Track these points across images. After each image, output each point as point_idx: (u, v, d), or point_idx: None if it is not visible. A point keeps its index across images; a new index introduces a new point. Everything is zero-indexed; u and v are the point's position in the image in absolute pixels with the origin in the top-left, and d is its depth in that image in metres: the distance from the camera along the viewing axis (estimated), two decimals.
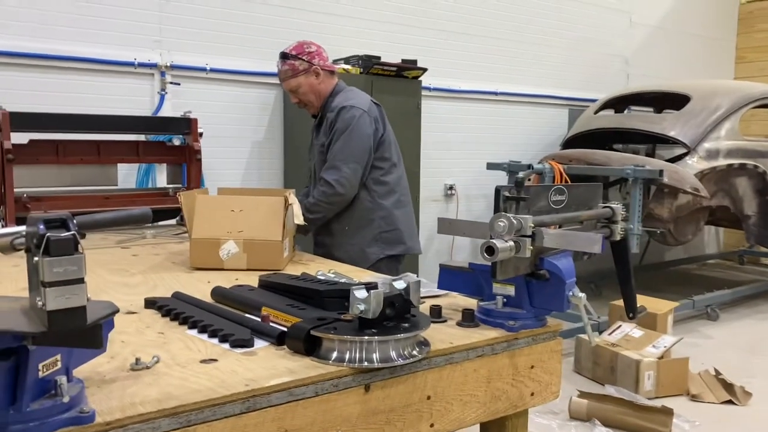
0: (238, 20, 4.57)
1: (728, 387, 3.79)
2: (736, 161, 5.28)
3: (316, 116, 2.93)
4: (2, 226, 2.77)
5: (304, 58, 2.78)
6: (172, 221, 3.29)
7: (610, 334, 4.14)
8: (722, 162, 5.20)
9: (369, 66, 4.45)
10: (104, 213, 1.07)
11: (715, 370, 3.95)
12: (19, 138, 2.83)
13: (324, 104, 2.85)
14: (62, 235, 0.83)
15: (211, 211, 2.20)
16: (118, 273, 2.10)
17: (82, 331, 0.87)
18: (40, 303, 0.84)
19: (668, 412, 3.27)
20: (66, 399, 0.92)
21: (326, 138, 2.78)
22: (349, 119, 2.72)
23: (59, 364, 0.95)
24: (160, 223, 3.21)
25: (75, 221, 0.90)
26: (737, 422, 3.50)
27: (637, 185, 4.69)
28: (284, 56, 2.80)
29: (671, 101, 5.84)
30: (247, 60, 4.60)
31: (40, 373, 0.92)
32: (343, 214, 2.79)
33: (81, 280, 0.84)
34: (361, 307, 1.22)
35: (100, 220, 1.04)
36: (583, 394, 3.50)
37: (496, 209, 1.41)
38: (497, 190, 1.41)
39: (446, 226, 1.57)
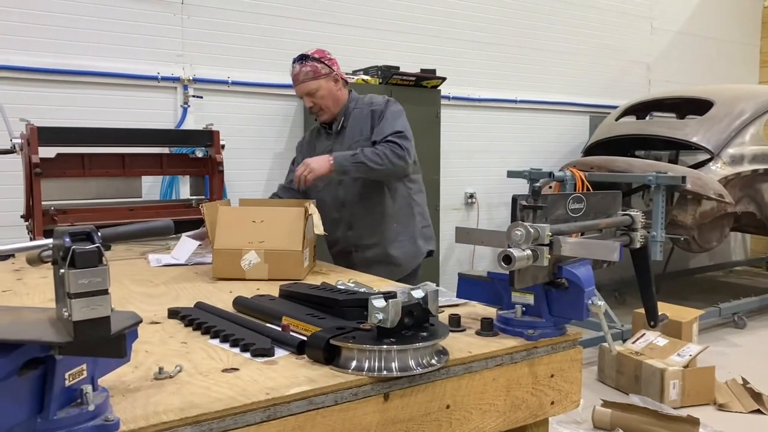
0: (258, 33, 4.63)
1: (756, 396, 3.72)
2: (761, 167, 5.20)
3: (326, 125, 2.90)
4: (31, 239, 2.84)
5: (325, 62, 2.77)
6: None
7: (634, 342, 4.10)
8: (747, 167, 5.13)
9: (388, 76, 4.48)
10: (128, 226, 1.10)
11: (743, 379, 3.88)
12: (47, 152, 2.90)
13: (344, 111, 2.84)
14: (87, 247, 0.86)
15: (233, 222, 2.23)
16: (142, 284, 2.13)
17: (107, 341, 0.90)
18: (66, 314, 0.86)
19: (694, 422, 3.22)
20: (91, 407, 0.95)
21: (370, 130, 2.74)
22: (396, 108, 2.76)
23: (85, 374, 0.98)
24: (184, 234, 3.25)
25: (99, 234, 0.93)
26: None
27: (659, 192, 4.64)
28: (304, 58, 2.76)
29: (694, 107, 5.78)
30: (268, 72, 4.66)
31: (67, 382, 0.94)
32: (388, 211, 2.79)
33: (105, 291, 0.87)
34: (380, 316, 1.24)
35: (124, 232, 1.07)
36: (606, 404, 3.46)
37: (513, 218, 1.41)
38: (514, 199, 1.42)
39: (464, 235, 1.57)
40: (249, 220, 2.23)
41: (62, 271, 0.86)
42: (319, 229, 2.30)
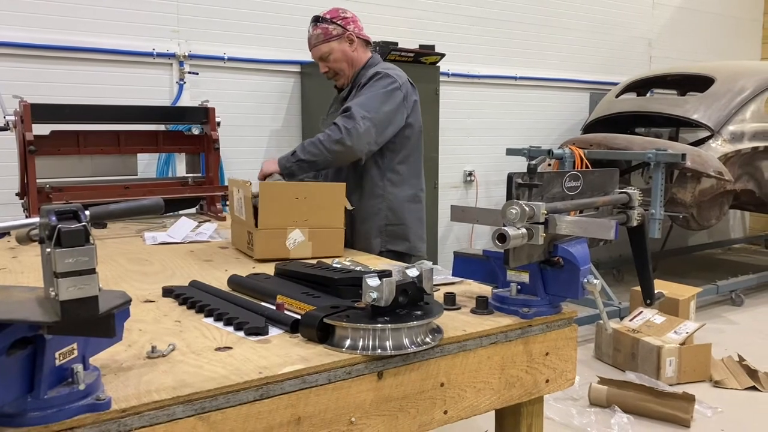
0: (255, 8, 4.57)
1: (752, 373, 3.75)
2: (761, 144, 5.18)
3: (342, 90, 2.71)
4: (26, 217, 2.83)
5: (338, 22, 2.59)
6: (192, 210, 3.33)
7: (631, 320, 4.11)
8: (747, 145, 5.10)
9: (386, 52, 4.43)
10: (117, 204, 1.08)
11: (739, 356, 3.90)
12: (41, 129, 2.88)
13: (356, 76, 2.63)
14: (73, 226, 0.84)
15: (276, 199, 2.11)
16: (137, 262, 2.13)
17: (95, 321, 0.89)
18: (53, 293, 0.85)
19: (690, 399, 3.25)
20: (82, 386, 0.94)
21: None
22: (381, 84, 2.50)
23: (76, 353, 0.97)
24: (181, 212, 3.24)
25: (87, 212, 0.91)
26: (761, 409, 3.46)
27: (659, 169, 4.62)
28: (317, 20, 2.61)
29: (695, 84, 5.73)
30: (265, 48, 4.61)
31: (57, 362, 0.94)
32: (350, 199, 2.48)
33: (92, 271, 0.86)
34: (374, 295, 1.23)
35: (114, 210, 1.05)
36: (603, 381, 3.48)
37: (509, 196, 1.40)
38: (509, 177, 1.40)
39: (459, 213, 1.56)
40: (292, 197, 2.12)
41: (48, 250, 0.85)
42: (347, 203, 2.26)
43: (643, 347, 3.80)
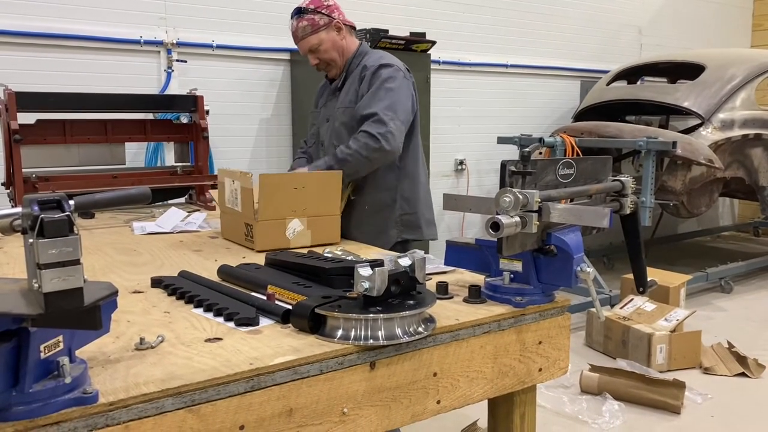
0: None
1: (741, 360, 3.77)
2: (751, 132, 5.19)
3: (333, 80, 2.67)
4: (12, 207, 2.79)
5: (323, 11, 2.52)
6: (181, 199, 3.30)
7: (621, 307, 4.12)
8: (737, 132, 5.12)
9: (377, 39, 4.39)
10: (103, 193, 1.06)
11: (728, 343, 3.93)
12: (27, 118, 2.83)
13: (348, 64, 2.59)
14: (56, 216, 0.82)
15: (274, 189, 2.10)
16: (125, 252, 2.10)
17: (80, 313, 0.87)
18: (36, 285, 0.83)
19: (680, 385, 3.26)
20: (68, 380, 0.92)
21: (356, 97, 2.51)
22: (391, 77, 2.45)
23: (61, 345, 0.95)
24: (169, 201, 3.21)
25: (72, 202, 0.89)
26: (750, 395, 3.49)
27: (649, 157, 4.63)
28: (300, 11, 2.52)
29: (685, 71, 5.74)
30: (254, 36, 4.56)
31: (42, 355, 0.92)
32: (364, 190, 2.54)
33: (77, 262, 0.84)
34: (366, 284, 1.21)
35: (99, 200, 1.03)
36: (594, 368, 3.49)
37: (502, 184, 1.39)
38: (503, 165, 1.39)
39: (452, 202, 1.55)
40: (291, 187, 2.12)
41: (31, 240, 0.83)
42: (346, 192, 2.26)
43: (633, 335, 3.82)
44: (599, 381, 3.40)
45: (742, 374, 3.70)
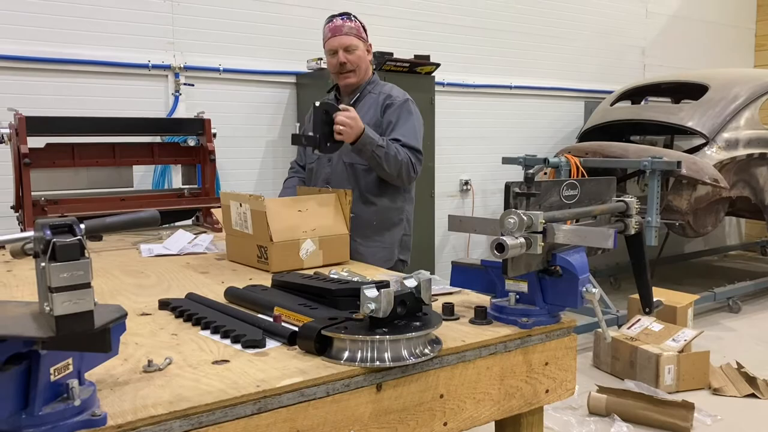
0: (249, 20, 4.58)
1: (751, 380, 3.74)
2: (756, 151, 5.19)
3: (339, 96, 2.81)
4: (21, 230, 2.81)
5: (366, 32, 2.73)
6: (188, 221, 3.32)
7: (629, 328, 4.10)
8: (742, 152, 5.12)
9: (382, 62, 4.44)
10: (113, 217, 1.07)
11: (737, 364, 3.90)
12: (36, 142, 2.87)
13: (362, 88, 2.75)
14: (68, 240, 0.83)
15: (283, 213, 2.17)
16: (133, 274, 2.11)
17: (91, 336, 0.88)
18: (47, 308, 0.84)
19: (689, 407, 3.23)
20: (77, 402, 0.93)
21: (376, 120, 2.64)
22: (416, 115, 2.68)
23: (71, 368, 0.96)
24: (177, 223, 3.23)
25: (82, 226, 0.90)
26: (760, 416, 3.45)
27: (654, 177, 4.63)
28: (349, 15, 2.71)
29: (689, 91, 5.76)
30: (260, 59, 4.61)
31: (52, 377, 0.93)
32: (371, 206, 2.66)
33: (88, 285, 0.85)
34: (372, 306, 1.22)
35: (109, 224, 1.04)
36: (602, 389, 3.46)
37: (506, 205, 1.39)
38: (507, 186, 1.40)
39: (456, 223, 1.56)
40: (296, 210, 2.20)
41: (43, 264, 0.84)
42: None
43: (641, 355, 3.79)
44: (607, 402, 3.38)
45: (752, 395, 3.66)
